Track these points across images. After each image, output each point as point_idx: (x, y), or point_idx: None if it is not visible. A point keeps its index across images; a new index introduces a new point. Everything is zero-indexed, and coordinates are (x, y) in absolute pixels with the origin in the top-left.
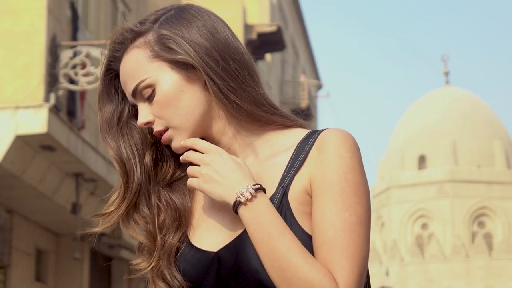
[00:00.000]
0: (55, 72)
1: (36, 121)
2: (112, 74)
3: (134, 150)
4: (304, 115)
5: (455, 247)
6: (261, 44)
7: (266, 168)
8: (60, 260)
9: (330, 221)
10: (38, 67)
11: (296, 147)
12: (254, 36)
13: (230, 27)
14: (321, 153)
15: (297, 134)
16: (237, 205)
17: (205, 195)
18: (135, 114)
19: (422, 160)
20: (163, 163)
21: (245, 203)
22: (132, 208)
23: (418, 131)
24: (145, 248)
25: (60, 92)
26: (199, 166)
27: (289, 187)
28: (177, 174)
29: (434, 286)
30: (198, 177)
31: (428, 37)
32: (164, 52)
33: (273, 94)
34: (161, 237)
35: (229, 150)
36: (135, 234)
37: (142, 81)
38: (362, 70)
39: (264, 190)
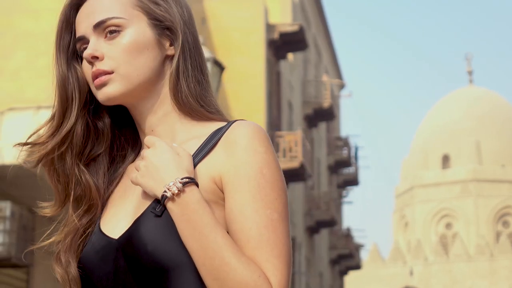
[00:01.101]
0: None
1: None
2: (74, 6)
3: (77, 90)
4: (327, 115)
5: (479, 247)
6: (283, 43)
7: None
8: None
9: (252, 219)
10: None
11: (209, 136)
12: (276, 35)
13: (252, 26)
14: (233, 145)
15: (215, 125)
16: (164, 199)
17: (125, 182)
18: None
19: (445, 160)
20: (86, 135)
21: (172, 198)
22: (58, 158)
23: (441, 130)
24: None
25: None
26: None
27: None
28: (93, 151)
29: (458, 286)
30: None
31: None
32: (151, 4)
33: (295, 94)
34: (73, 212)
35: (152, 132)
36: (52, 184)
37: (117, 17)
38: (385, 69)
39: (196, 184)
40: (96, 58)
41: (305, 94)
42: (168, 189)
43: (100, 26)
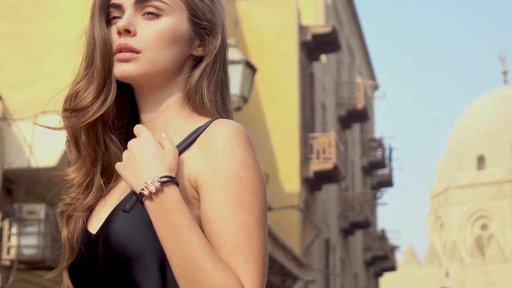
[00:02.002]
0: None
1: None
2: None
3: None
4: (360, 116)
5: None
6: (316, 45)
7: None
8: None
9: (228, 223)
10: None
11: (190, 133)
12: (308, 37)
13: (285, 28)
14: (210, 144)
15: (200, 121)
16: (141, 197)
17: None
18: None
19: (481, 160)
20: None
21: (149, 197)
22: (93, 125)
23: (476, 131)
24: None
25: None
26: None
27: None
28: (114, 124)
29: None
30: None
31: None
32: (199, 3)
33: (328, 95)
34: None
35: (149, 123)
36: (84, 148)
37: (162, 1)
38: (419, 70)
39: (176, 184)
40: (128, 32)
41: (339, 95)
42: (146, 187)
43: (142, 3)
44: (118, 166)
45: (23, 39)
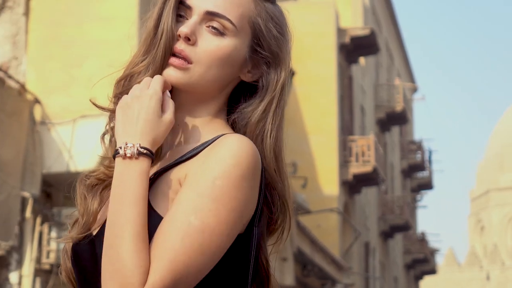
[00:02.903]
0: None
1: None
2: None
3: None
4: (399, 119)
5: None
6: (354, 47)
7: (176, 151)
8: None
9: (174, 219)
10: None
11: (203, 143)
12: (347, 40)
13: (323, 31)
14: (212, 151)
15: (218, 134)
16: (115, 153)
17: None
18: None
19: None
20: None
21: (123, 156)
22: None
23: None
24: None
25: None
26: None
27: (166, 172)
28: None
29: None
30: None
31: None
32: (265, 31)
33: (367, 98)
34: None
35: (177, 126)
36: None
37: (231, 23)
38: (458, 71)
39: (152, 160)
40: (188, 39)
41: (377, 98)
42: (125, 148)
43: (212, 16)
44: (118, 105)
45: (61, 44)
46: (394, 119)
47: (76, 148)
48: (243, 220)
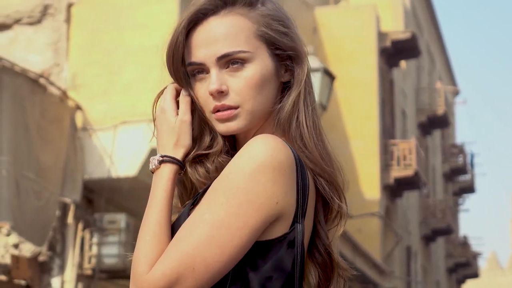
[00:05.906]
0: None
1: None
2: (190, 26)
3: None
4: (441, 122)
5: None
6: (395, 51)
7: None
8: None
9: (191, 216)
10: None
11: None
12: (388, 43)
13: (364, 35)
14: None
15: None
16: (151, 167)
17: None
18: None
19: None
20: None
21: (154, 169)
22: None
23: None
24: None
25: None
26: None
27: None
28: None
29: None
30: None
31: None
32: (275, 34)
33: (408, 101)
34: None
35: (230, 141)
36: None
37: (244, 51)
38: (500, 74)
39: (175, 163)
40: (221, 92)
41: (419, 101)
42: (154, 162)
43: (224, 59)
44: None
45: (101, 50)
46: (436, 123)
47: (117, 154)
48: (267, 215)
